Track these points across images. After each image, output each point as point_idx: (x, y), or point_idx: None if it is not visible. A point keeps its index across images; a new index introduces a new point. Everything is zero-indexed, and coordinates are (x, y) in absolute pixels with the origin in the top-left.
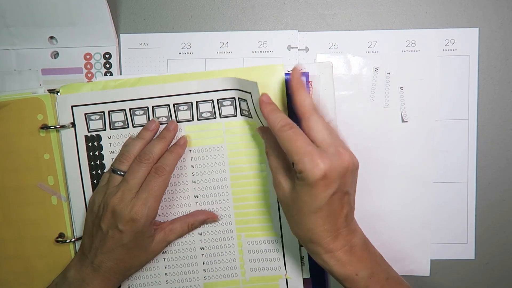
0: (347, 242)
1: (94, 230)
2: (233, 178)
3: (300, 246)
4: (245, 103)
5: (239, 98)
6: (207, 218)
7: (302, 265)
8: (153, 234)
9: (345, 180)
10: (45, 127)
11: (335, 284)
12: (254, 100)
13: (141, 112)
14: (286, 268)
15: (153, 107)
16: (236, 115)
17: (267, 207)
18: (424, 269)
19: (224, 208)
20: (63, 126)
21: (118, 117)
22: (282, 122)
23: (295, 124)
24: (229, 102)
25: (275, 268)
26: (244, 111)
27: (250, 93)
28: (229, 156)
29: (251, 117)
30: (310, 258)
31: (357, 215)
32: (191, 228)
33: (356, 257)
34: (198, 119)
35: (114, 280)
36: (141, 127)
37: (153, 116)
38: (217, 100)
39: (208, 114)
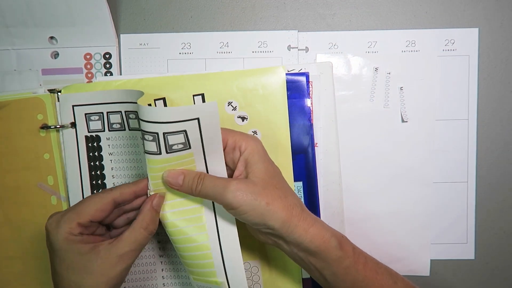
0: (310, 216)
1: None
2: (164, 217)
3: None
4: (182, 135)
5: (166, 133)
6: (156, 203)
7: None
8: (87, 251)
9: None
10: (45, 127)
11: None
12: (206, 123)
13: (133, 116)
14: None
15: None
16: (160, 153)
17: (206, 250)
18: (424, 269)
19: (173, 247)
20: (63, 126)
21: (115, 118)
22: (193, 184)
23: (203, 174)
24: (150, 137)
25: None
26: (175, 146)
27: (197, 118)
28: (167, 198)
29: (189, 148)
30: None
31: (357, 215)
32: (148, 228)
33: (324, 227)
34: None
35: None
36: (136, 131)
37: None
38: (141, 131)
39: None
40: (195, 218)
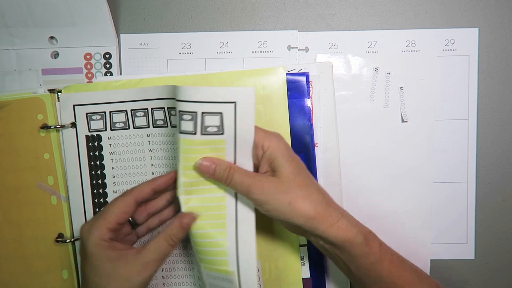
0: (337, 211)
1: None
2: (186, 201)
3: (300, 245)
4: (217, 118)
5: (204, 113)
6: (185, 222)
7: (302, 265)
8: (116, 258)
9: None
10: (45, 127)
11: (334, 284)
12: (241, 109)
13: (142, 113)
14: None
15: (152, 109)
16: (195, 133)
17: (222, 237)
18: (424, 269)
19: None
20: (63, 126)
21: (119, 118)
22: (224, 175)
23: (233, 166)
24: (189, 117)
25: None
26: (210, 128)
27: (234, 102)
28: (184, 177)
29: (222, 133)
30: (310, 258)
31: (357, 215)
32: (172, 242)
33: (350, 223)
34: (153, 126)
35: None
36: (142, 129)
37: (152, 118)
38: (179, 111)
39: (176, 126)
40: (216, 207)
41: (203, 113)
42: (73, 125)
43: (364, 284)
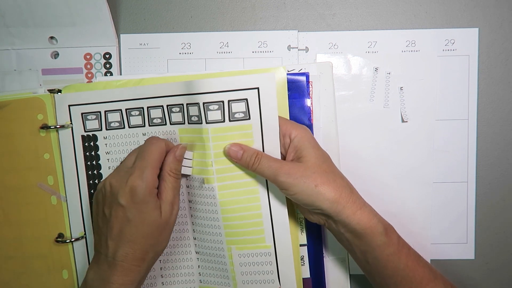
0: (360, 199)
1: (100, 220)
2: (220, 188)
3: (300, 245)
4: (243, 104)
5: (230, 101)
6: (178, 154)
7: (302, 265)
8: (159, 205)
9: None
10: (45, 127)
11: (333, 283)
12: (264, 94)
13: (137, 112)
14: (280, 281)
15: (148, 107)
16: (224, 121)
17: (259, 218)
18: None
19: (213, 218)
20: (63, 126)
21: (114, 117)
22: (251, 160)
23: (260, 153)
24: (216, 106)
25: (268, 281)
26: (237, 114)
27: (257, 88)
28: (216, 164)
29: (248, 119)
30: (310, 258)
31: None
32: (175, 173)
33: (371, 212)
34: (189, 123)
35: (135, 270)
36: (137, 128)
37: (148, 117)
38: (203, 103)
39: (196, 119)
40: (249, 191)
41: (229, 101)
42: (71, 125)
43: (381, 276)
